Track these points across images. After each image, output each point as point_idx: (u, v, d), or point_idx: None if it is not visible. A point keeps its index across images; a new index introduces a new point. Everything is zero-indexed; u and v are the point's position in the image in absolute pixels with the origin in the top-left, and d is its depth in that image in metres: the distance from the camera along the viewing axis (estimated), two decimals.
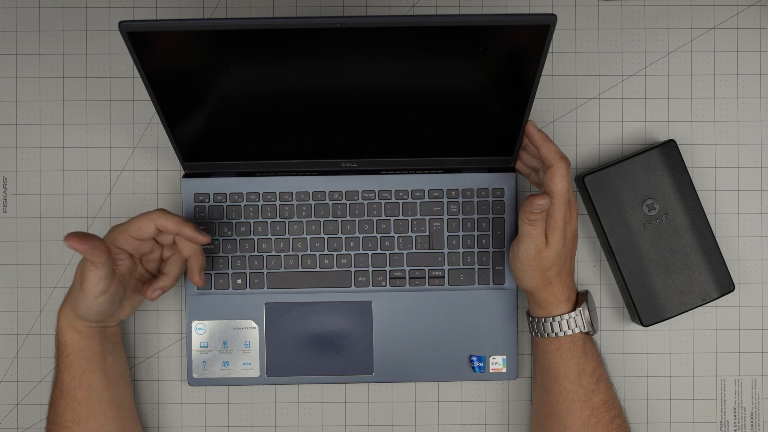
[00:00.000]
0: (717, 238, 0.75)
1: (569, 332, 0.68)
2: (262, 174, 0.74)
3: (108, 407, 0.68)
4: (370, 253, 0.74)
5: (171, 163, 0.76)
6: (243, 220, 0.74)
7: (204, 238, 0.67)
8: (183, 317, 0.76)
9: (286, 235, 0.74)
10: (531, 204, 0.64)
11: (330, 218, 0.74)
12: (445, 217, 0.74)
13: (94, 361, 0.68)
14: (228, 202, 0.74)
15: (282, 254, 0.74)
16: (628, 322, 0.76)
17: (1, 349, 0.76)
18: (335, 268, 0.74)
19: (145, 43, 0.58)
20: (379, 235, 0.74)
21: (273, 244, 0.74)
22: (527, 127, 0.67)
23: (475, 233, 0.74)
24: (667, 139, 0.74)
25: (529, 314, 0.72)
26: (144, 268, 0.70)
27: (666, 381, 0.76)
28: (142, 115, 0.76)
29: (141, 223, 0.66)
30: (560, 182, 0.65)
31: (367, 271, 0.74)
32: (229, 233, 0.74)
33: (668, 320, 0.75)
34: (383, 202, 0.74)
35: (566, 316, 0.68)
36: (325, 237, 0.74)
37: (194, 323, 0.74)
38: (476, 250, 0.74)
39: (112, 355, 0.70)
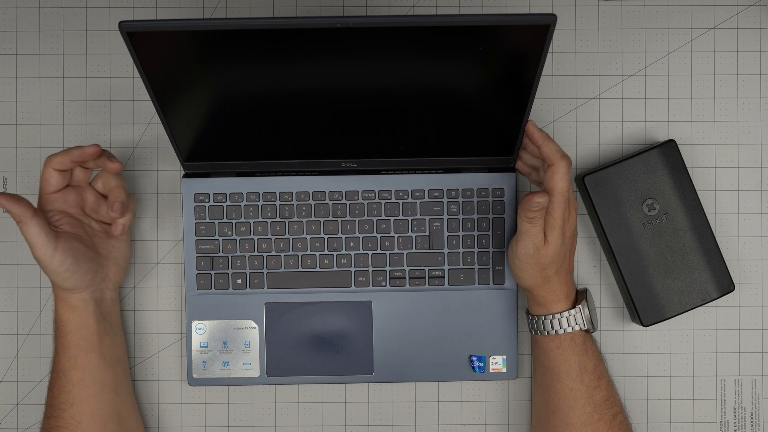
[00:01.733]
0: (717, 238, 0.75)
1: (569, 329, 0.68)
2: (262, 174, 0.74)
3: (102, 390, 0.68)
4: (370, 253, 0.74)
5: (171, 163, 0.76)
6: (243, 220, 0.74)
7: (91, 149, 0.66)
8: (183, 317, 0.76)
9: (286, 235, 0.74)
10: (530, 202, 0.64)
11: (330, 218, 0.74)
12: (445, 217, 0.74)
13: (90, 341, 0.68)
14: (228, 202, 0.74)
15: (282, 254, 0.74)
16: (628, 322, 0.76)
17: (1, 349, 0.76)
18: (335, 268, 0.74)
19: (145, 43, 0.58)
20: (379, 235, 0.74)
21: (273, 244, 0.74)
22: (528, 127, 0.67)
23: (475, 233, 0.74)
24: (667, 139, 0.74)
25: (528, 312, 0.72)
26: (96, 220, 0.71)
27: (666, 381, 0.76)
28: (142, 115, 0.76)
29: (42, 175, 0.67)
30: (560, 181, 0.65)
31: (367, 271, 0.74)
32: (229, 233, 0.74)
33: (668, 320, 0.75)
34: (383, 202, 0.74)
35: (566, 314, 0.68)
36: (325, 237, 0.74)
37: (194, 323, 0.74)
38: (476, 250, 0.74)
39: (110, 337, 0.70)
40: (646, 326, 0.73)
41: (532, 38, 0.59)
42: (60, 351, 0.68)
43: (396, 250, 0.74)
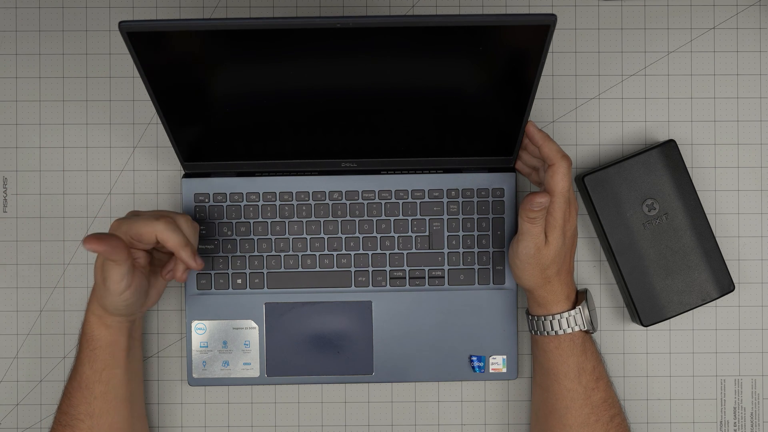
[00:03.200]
0: (717, 238, 0.75)
1: (569, 330, 0.68)
2: (262, 174, 0.74)
3: (122, 404, 0.69)
4: (370, 253, 0.74)
5: (171, 163, 0.76)
6: (243, 220, 0.74)
7: (197, 265, 0.66)
8: (183, 317, 0.76)
9: (286, 235, 0.74)
10: (531, 202, 0.64)
11: (330, 218, 0.74)
12: (445, 217, 0.74)
13: (119, 357, 0.68)
14: (228, 202, 0.74)
15: (282, 254, 0.74)
16: (628, 322, 0.76)
17: (1, 349, 0.76)
18: (335, 268, 0.74)
19: (145, 43, 0.58)
20: (379, 235, 0.74)
21: (273, 244, 0.74)
22: (527, 128, 0.67)
23: (475, 233, 0.74)
24: (667, 139, 0.74)
25: (528, 312, 0.72)
26: (160, 251, 0.70)
27: (666, 381, 0.76)
28: (142, 115, 0.76)
29: (142, 231, 0.64)
30: (561, 181, 0.65)
31: (367, 271, 0.74)
32: (229, 233, 0.74)
33: (668, 320, 0.75)
34: (383, 202, 0.74)
35: (566, 314, 0.68)
36: (325, 237, 0.74)
37: (194, 323, 0.74)
38: (476, 250, 0.74)
39: (133, 352, 0.70)
40: (646, 326, 0.73)
41: (532, 38, 0.59)
42: (85, 363, 0.68)
43: (396, 250, 0.74)
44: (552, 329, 0.69)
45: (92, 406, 0.67)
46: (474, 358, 0.74)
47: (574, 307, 0.69)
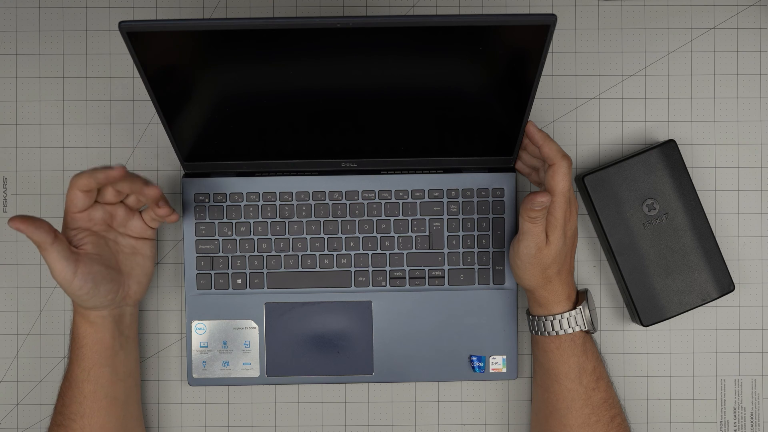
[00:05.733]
0: (717, 238, 0.75)
1: (569, 330, 0.68)
2: (262, 174, 0.74)
3: (113, 404, 0.68)
4: (370, 253, 0.74)
5: (171, 163, 0.76)
6: (243, 220, 0.74)
7: (116, 172, 0.62)
8: (183, 317, 0.76)
9: (286, 235, 0.74)
10: (532, 201, 0.64)
11: (330, 218, 0.74)
12: (445, 217, 0.74)
13: (105, 356, 0.68)
14: (228, 202, 0.74)
15: (282, 254, 0.74)
16: (628, 322, 0.76)
17: (1, 349, 0.76)
18: (335, 268, 0.74)
19: (145, 43, 0.58)
20: (379, 235, 0.74)
21: (273, 244, 0.74)
22: (527, 128, 0.67)
23: (475, 233, 0.74)
24: (667, 139, 0.74)
25: (529, 313, 0.72)
26: (128, 236, 0.69)
27: (666, 381, 0.76)
28: (142, 115, 0.76)
29: (68, 196, 0.64)
30: (561, 180, 0.65)
31: (367, 271, 0.74)
32: (229, 233, 0.74)
33: (668, 320, 0.75)
34: (383, 202, 0.74)
35: (566, 315, 0.68)
36: (325, 237, 0.74)
37: (194, 323, 0.74)
38: (476, 250, 0.74)
39: (124, 351, 0.70)
40: (646, 326, 0.73)
41: (532, 38, 0.59)
42: (74, 362, 0.68)
43: (396, 250, 0.74)
44: (553, 329, 0.69)
45: (83, 405, 0.67)
46: (474, 358, 0.74)
47: (574, 308, 0.69)
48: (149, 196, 0.65)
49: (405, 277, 0.74)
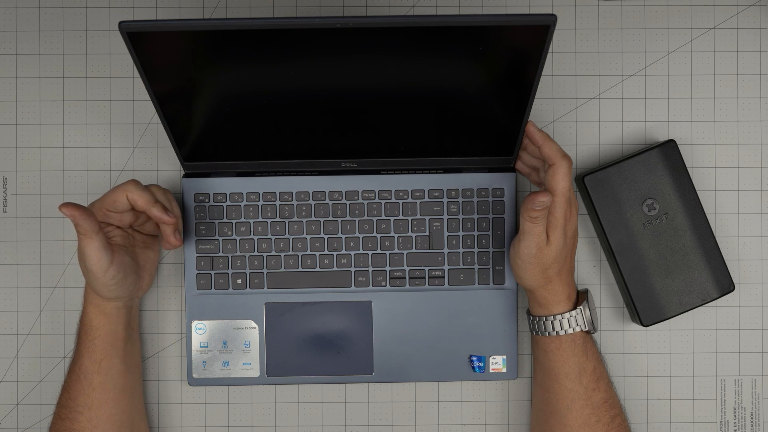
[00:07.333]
0: (717, 238, 0.75)
1: (570, 331, 0.68)
2: (262, 174, 0.74)
3: (121, 395, 0.69)
4: (370, 253, 0.74)
5: (171, 163, 0.76)
6: (243, 220, 0.74)
7: (169, 219, 0.67)
8: (183, 317, 0.76)
9: (286, 235, 0.74)
10: (533, 201, 0.64)
11: (330, 218, 0.74)
12: (445, 217, 0.74)
13: (117, 347, 0.69)
14: (228, 202, 0.74)
15: (282, 254, 0.74)
16: (628, 322, 0.76)
17: (1, 349, 0.76)
18: (335, 268, 0.74)
19: (145, 43, 0.58)
20: (379, 235, 0.74)
21: (273, 244, 0.74)
22: (527, 128, 0.67)
23: (475, 233, 0.74)
24: (667, 139, 0.74)
25: (529, 313, 0.72)
26: (141, 233, 0.71)
27: (666, 381, 0.76)
28: (142, 115, 0.76)
29: (114, 196, 0.66)
30: (562, 180, 0.65)
31: (367, 271, 0.74)
32: (229, 233, 0.74)
33: (668, 320, 0.75)
34: (383, 202, 0.74)
35: (567, 315, 0.68)
36: (325, 237, 0.74)
37: (194, 323, 0.74)
38: (476, 250, 0.74)
39: (132, 343, 0.71)
40: (646, 326, 0.73)
41: (532, 38, 0.59)
42: (84, 354, 0.68)
43: (396, 250, 0.74)
44: (553, 330, 0.69)
45: (91, 397, 0.68)
46: (474, 358, 0.74)
47: (575, 308, 0.69)
48: (171, 243, 0.69)
49: (405, 277, 0.74)
